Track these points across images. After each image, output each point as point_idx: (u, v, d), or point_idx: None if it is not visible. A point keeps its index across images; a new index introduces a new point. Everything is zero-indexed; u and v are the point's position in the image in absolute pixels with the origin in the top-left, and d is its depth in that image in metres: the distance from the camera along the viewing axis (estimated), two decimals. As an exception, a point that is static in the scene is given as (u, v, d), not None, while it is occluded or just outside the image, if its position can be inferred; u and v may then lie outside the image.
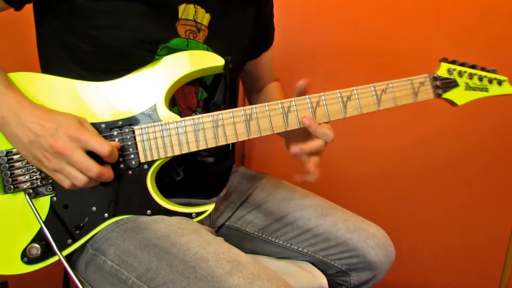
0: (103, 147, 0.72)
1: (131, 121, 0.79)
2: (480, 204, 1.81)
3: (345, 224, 0.99)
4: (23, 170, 0.78)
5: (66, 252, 0.79)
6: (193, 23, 0.89)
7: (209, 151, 0.96)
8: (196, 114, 0.90)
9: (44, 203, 0.78)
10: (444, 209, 1.82)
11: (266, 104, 0.82)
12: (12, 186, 0.77)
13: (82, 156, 0.71)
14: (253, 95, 1.23)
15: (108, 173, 0.74)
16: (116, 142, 0.76)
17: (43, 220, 0.76)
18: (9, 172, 0.77)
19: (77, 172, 0.71)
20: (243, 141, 1.68)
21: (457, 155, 1.75)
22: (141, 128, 0.79)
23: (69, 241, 0.79)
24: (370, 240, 0.97)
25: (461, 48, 1.55)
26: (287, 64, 1.62)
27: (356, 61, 1.62)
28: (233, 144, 1.28)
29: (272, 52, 1.20)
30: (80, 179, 0.72)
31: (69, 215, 0.79)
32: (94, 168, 0.71)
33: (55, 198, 0.78)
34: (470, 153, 1.75)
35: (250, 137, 0.82)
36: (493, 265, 1.87)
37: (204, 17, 0.91)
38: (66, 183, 0.73)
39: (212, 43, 0.92)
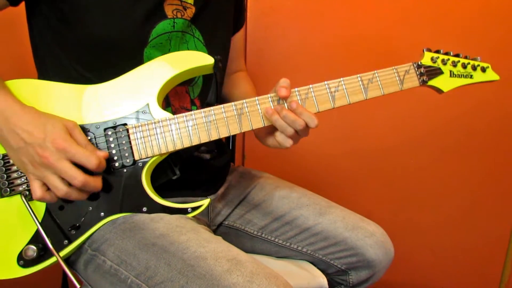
0: (90, 161, 0.72)
1: (124, 121, 0.81)
2: (480, 204, 1.81)
3: (344, 222, 0.99)
4: (19, 173, 0.78)
5: (63, 253, 0.79)
6: (178, 2, 0.90)
7: (206, 147, 0.97)
8: (191, 112, 0.92)
9: (39, 206, 0.79)
10: (444, 208, 1.82)
11: (256, 98, 0.84)
12: (8, 189, 0.78)
13: (67, 165, 0.71)
14: None
15: (94, 182, 0.74)
16: (104, 152, 0.77)
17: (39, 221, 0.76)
18: (5, 175, 0.78)
19: (59, 181, 0.71)
20: (243, 141, 1.69)
21: (457, 155, 1.76)
22: (135, 127, 0.80)
23: (65, 242, 0.79)
24: (369, 238, 0.97)
25: (457, 46, 1.58)
26: (282, 61, 1.65)
27: (352, 64, 1.65)
28: (233, 141, 1.30)
29: (243, 35, 1.21)
30: (60, 189, 0.72)
31: (65, 216, 0.79)
32: (79, 177, 0.71)
33: (51, 200, 0.79)
34: (471, 153, 1.76)
35: (242, 131, 0.84)
36: (493, 265, 1.86)
37: None
38: (36, 193, 0.72)
39: (199, 19, 0.94)
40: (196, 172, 0.96)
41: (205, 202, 0.83)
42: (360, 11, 1.62)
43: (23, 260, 0.77)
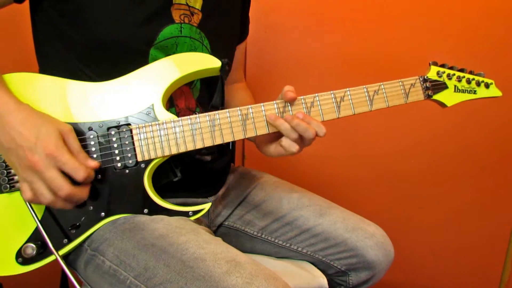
0: (78, 173, 0.70)
1: (128, 121, 0.80)
2: (480, 204, 1.82)
3: (344, 223, 0.99)
4: (20, 170, 0.78)
5: (62, 252, 0.79)
6: (186, 7, 0.90)
7: (207, 149, 0.97)
8: (195, 113, 0.91)
9: (40, 203, 0.79)
10: (444, 209, 1.82)
11: (262, 104, 0.84)
12: (8, 185, 0.78)
13: (55, 174, 0.69)
14: None
15: (80, 193, 0.72)
16: (95, 163, 0.75)
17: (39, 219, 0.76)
18: (5, 171, 0.77)
19: (45, 189, 0.70)
20: (243, 142, 1.69)
21: (457, 156, 1.76)
22: (139, 128, 0.80)
23: (65, 241, 0.79)
24: (369, 239, 0.97)
25: (456, 52, 1.57)
26: (282, 62, 1.64)
27: (351, 65, 1.64)
28: (233, 142, 1.29)
29: (245, 46, 1.21)
30: (45, 197, 0.70)
31: (66, 215, 0.79)
32: (64, 188, 0.69)
33: (51, 197, 0.78)
34: (470, 154, 1.76)
35: (246, 136, 0.83)
36: (493, 265, 1.87)
37: (197, 1, 0.92)
38: (26, 195, 0.71)
39: (206, 26, 0.93)
40: (197, 173, 0.95)
41: (206, 206, 0.83)
42: (361, 12, 1.61)
43: (22, 258, 0.77)
